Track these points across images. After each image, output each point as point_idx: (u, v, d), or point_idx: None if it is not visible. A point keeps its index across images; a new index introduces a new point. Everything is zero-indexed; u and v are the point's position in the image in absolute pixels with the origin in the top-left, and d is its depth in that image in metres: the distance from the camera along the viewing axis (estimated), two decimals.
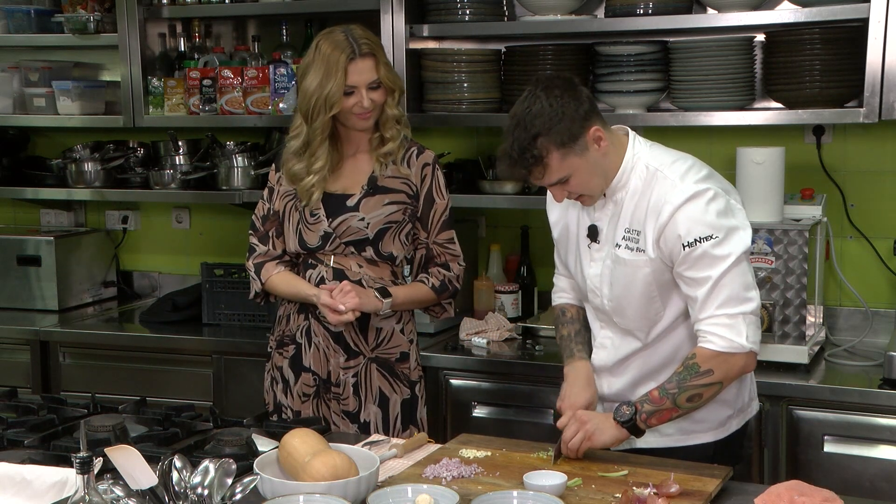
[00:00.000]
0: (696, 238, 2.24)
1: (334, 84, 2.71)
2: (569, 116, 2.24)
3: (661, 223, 2.28)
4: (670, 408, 2.28)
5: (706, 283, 2.25)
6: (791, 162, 3.29)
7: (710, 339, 2.26)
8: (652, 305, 2.37)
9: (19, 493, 2.16)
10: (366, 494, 2.01)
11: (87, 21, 4.07)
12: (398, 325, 2.90)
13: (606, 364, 2.50)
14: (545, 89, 2.26)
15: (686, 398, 2.27)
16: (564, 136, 2.23)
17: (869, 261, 3.54)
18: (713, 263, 2.25)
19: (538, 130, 2.22)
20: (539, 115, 2.23)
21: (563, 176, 2.29)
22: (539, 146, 2.23)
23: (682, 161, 2.36)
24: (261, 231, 2.95)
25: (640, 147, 2.37)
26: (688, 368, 2.28)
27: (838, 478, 2.94)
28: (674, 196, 2.27)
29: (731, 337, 2.25)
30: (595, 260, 2.44)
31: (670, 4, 3.41)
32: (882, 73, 3.11)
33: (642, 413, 2.28)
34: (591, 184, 2.33)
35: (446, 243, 2.91)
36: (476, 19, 3.65)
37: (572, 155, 2.26)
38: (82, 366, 3.91)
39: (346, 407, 2.86)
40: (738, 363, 2.28)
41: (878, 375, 3.04)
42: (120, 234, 4.56)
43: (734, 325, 2.25)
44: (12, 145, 4.52)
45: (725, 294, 2.25)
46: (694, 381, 2.26)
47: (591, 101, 2.31)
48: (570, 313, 2.64)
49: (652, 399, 2.28)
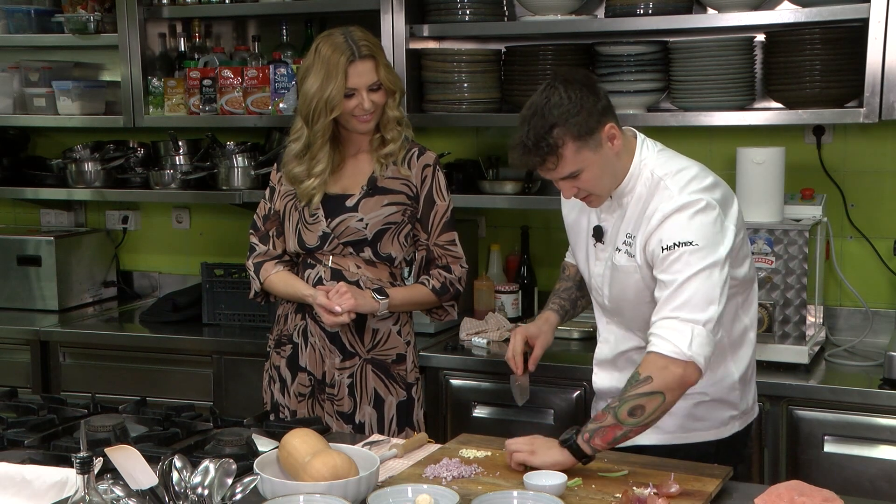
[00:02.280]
0: (675, 242, 2.23)
1: (335, 86, 2.71)
2: (587, 110, 2.24)
3: (649, 230, 2.28)
4: (612, 424, 2.16)
5: (671, 286, 2.22)
6: (791, 162, 3.29)
7: (653, 342, 2.20)
8: (648, 309, 2.35)
9: (19, 493, 2.16)
10: (366, 494, 2.01)
11: (88, 21, 4.07)
12: (395, 326, 2.89)
13: (607, 357, 2.51)
14: (564, 83, 2.26)
15: (627, 411, 2.15)
16: (581, 128, 2.24)
17: (869, 261, 3.54)
18: (683, 269, 2.21)
19: (556, 120, 2.23)
20: (558, 106, 2.23)
21: (575, 170, 2.28)
22: (555, 136, 2.23)
23: (688, 170, 2.34)
24: (261, 231, 2.95)
25: (647, 153, 2.37)
26: (629, 380, 2.20)
27: (838, 478, 2.94)
28: (666, 205, 2.27)
29: (674, 341, 2.16)
30: (599, 259, 2.45)
31: (670, 4, 3.41)
32: (882, 73, 3.11)
33: (584, 433, 2.17)
34: (601, 182, 2.32)
35: (447, 245, 2.91)
36: (476, 19, 3.65)
37: (587, 149, 2.26)
38: (82, 366, 3.91)
39: (340, 408, 2.86)
40: (677, 373, 2.16)
41: (878, 375, 3.04)
42: (120, 234, 4.56)
43: (681, 331, 2.17)
44: (12, 145, 4.52)
45: (683, 298, 2.19)
46: (633, 390, 2.16)
47: (608, 99, 2.31)
48: (569, 271, 2.73)
49: (596, 417, 2.20)
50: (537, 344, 2.60)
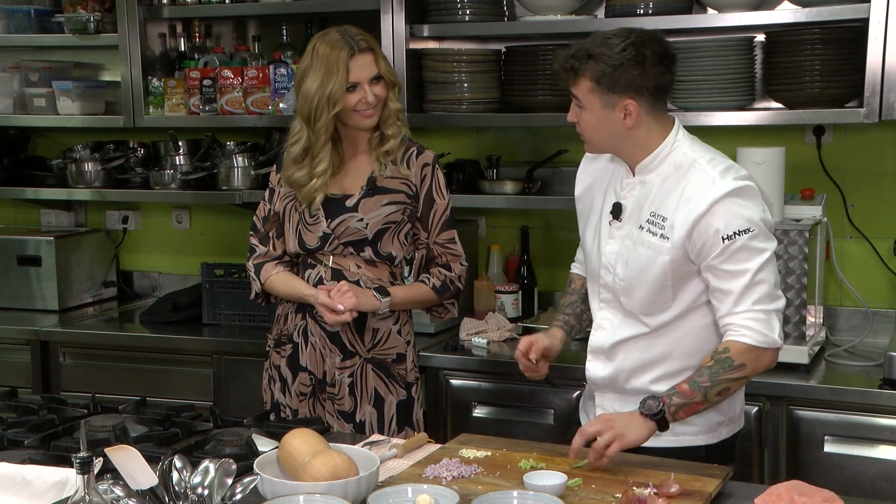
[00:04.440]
0: (735, 231, 2.28)
1: (336, 82, 2.71)
2: (624, 72, 2.30)
3: (696, 215, 2.30)
4: (700, 401, 2.28)
5: (743, 276, 2.29)
6: (791, 162, 3.29)
7: (745, 334, 2.29)
8: (663, 293, 2.38)
9: (19, 493, 2.16)
10: (366, 494, 2.01)
11: (88, 21, 4.07)
12: (395, 325, 2.89)
13: (603, 346, 2.49)
14: (634, 43, 2.31)
15: (717, 392, 2.29)
16: (605, 80, 2.31)
17: (869, 261, 3.54)
18: (751, 257, 2.29)
19: (596, 54, 2.31)
20: (609, 48, 2.31)
21: (581, 102, 2.37)
22: (584, 64, 2.32)
23: (722, 158, 2.41)
24: (261, 232, 2.95)
25: (682, 137, 2.43)
26: (720, 362, 2.29)
27: (838, 478, 2.94)
28: (713, 190, 2.30)
29: (766, 332, 2.29)
30: (614, 237, 2.46)
31: (670, 4, 3.41)
32: (882, 73, 3.11)
33: (671, 406, 2.26)
34: (596, 133, 2.40)
35: (447, 243, 2.91)
36: (476, 19, 3.65)
37: (597, 97, 2.34)
38: (82, 366, 3.91)
39: (341, 407, 2.86)
40: (767, 358, 2.33)
41: (878, 375, 3.04)
42: (120, 234, 4.56)
43: (768, 321, 2.30)
44: (12, 145, 4.52)
45: (762, 290, 2.30)
46: (727, 374, 2.28)
47: (654, 82, 2.33)
48: (575, 284, 2.71)
49: (682, 392, 2.27)
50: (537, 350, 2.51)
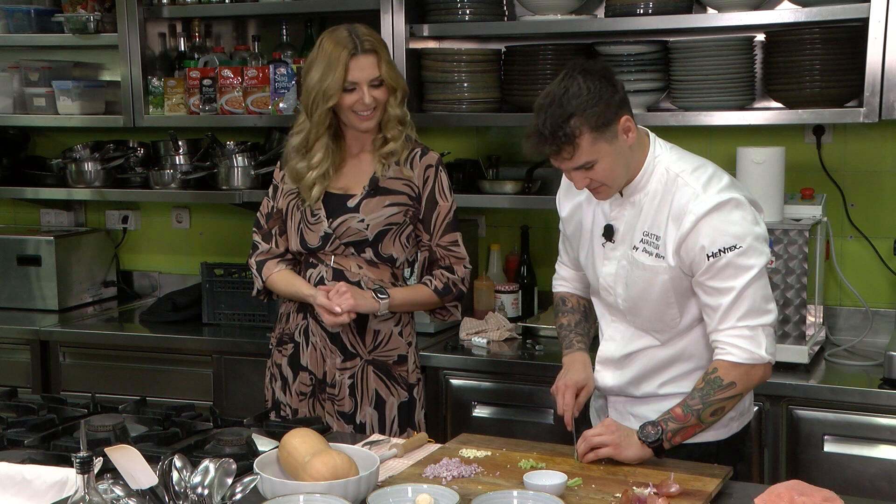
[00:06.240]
0: (720, 248, 2.25)
1: (333, 78, 2.71)
2: (605, 101, 2.24)
3: (682, 232, 2.28)
4: (694, 424, 2.28)
5: (729, 294, 2.27)
6: (791, 162, 3.29)
7: (731, 351, 2.28)
8: (669, 311, 2.37)
9: (19, 493, 2.16)
10: (366, 494, 2.01)
11: (87, 21, 4.07)
12: (396, 327, 2.89)
13: (613, 357, 2.49)
14: (583, 73, 2.26)
15: (710, 413, 2.28)
16: (599, 119, 2.24)
17: (869, 261, 3.54)
18: (737, 274, 2.26)
19: (574, 110, 2.23)
20: (576, 96, 2.23)
21: (590, 160, 2.28)
22: (573, 125, 2.23)
23: (703, 169, 2.36)
24: (264, 229, 2.95)
25: (660, 150, 2.38)
26: (710, 383, 2.28)
27: (838, 478, 2.94)
28: (696, 206, 2.27)
29: (752, 349, 2.27)
30: (609, 259, 2.43)
31: (670, 4, 3.41)
32: (882, 73, 3.11)
33: (668, 432, 2.26)
34: (615, 173, 2.32)
35: (450, 246, 2.89)
36: (476, 19, 3.65)
37: (603, 140, 2.26)
38: (82, 366, 3.91)
39: (340, 408, 2.86)
40: (759, 373, 2.31)
41: (878, 375, 3.04)
42: (120, 233, 4.56)
43: (754, 337, 2.28)
44: (12, 145, 4.52)
45: (747, 306, 2.27)
46: (718, 394, 2.27)
47: (624, 91, 2.32)
48: (571, 303, 2.67)
49: (676, 417, 2.27)
50: (583, 393, 2.49)
